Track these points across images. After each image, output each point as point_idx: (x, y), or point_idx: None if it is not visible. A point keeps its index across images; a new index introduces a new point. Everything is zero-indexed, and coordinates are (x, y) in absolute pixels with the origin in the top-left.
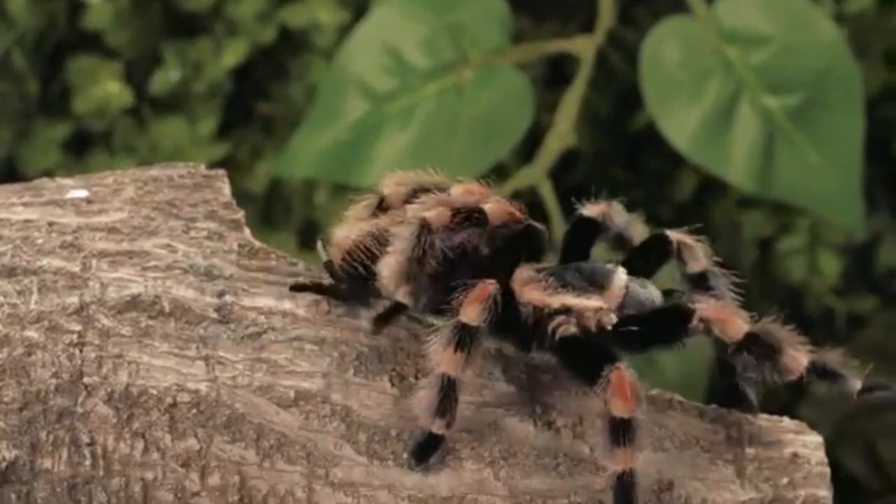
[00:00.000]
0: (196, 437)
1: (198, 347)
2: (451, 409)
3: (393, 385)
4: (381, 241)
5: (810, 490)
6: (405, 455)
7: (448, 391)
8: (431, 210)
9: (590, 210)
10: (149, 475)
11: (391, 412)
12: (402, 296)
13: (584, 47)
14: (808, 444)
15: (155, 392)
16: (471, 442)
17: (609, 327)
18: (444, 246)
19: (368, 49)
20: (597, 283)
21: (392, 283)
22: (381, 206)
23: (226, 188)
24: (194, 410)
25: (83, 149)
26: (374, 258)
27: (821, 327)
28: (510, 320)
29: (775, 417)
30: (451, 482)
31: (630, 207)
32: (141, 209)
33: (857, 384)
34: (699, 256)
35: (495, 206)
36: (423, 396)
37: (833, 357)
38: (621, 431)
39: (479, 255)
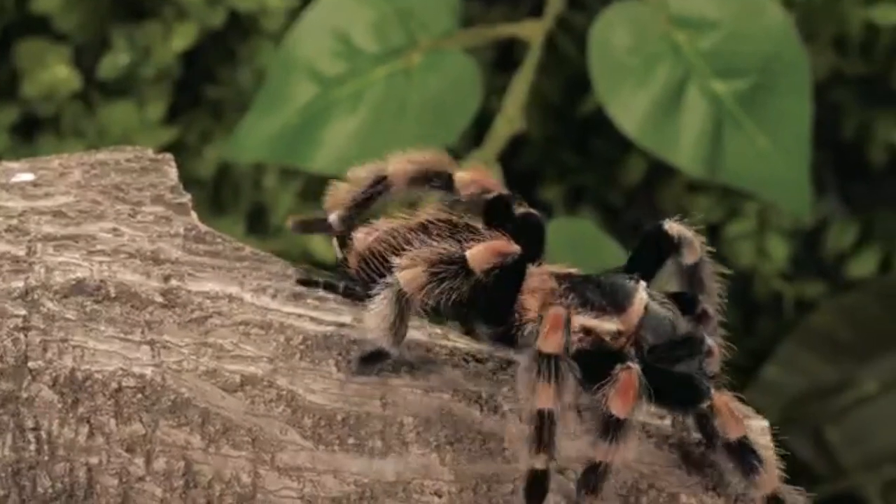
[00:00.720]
0: (141, 422)
1: (143, 332)
2: (552, 444)
3: (339, 370)
4: (398, 249)
5: None
6: (350, 440)
7: (549, 427)
8: (405, 273)
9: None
10: (93, 460)
11: (337, 397)
12: (388, 346)
13: (533, 32)
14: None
15: (100, 377)
16: (417, 426)
17: (624, 352)
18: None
19: (317, 33)
20: (617, 302)
21: (374, 335)
22: (382, 182)
23: (173, 172)
24: (139, 395)
25: (31, 133)
26: (391, 269)
27: (769, 311)
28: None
29: None
30: (396, 466)
31: (579, 192)
32: (87, 193)
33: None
34: (696, 248)
35: (479, 251)
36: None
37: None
38: (613, 429)
39: (476, 291)
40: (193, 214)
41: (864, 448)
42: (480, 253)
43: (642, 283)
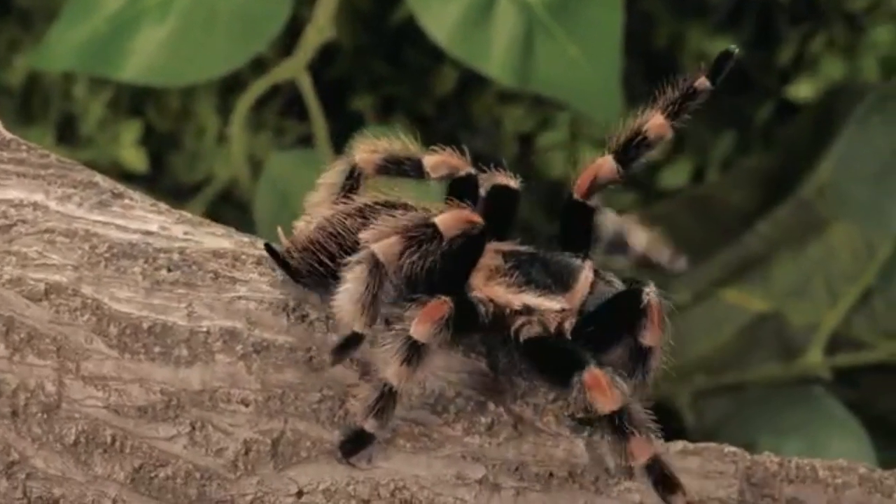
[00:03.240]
0: None
1: None
2: (386, 414)
3: (144, 278)
4: (340, 236)
5: None
6: (156, 349)
7: (387, 399)
8: (380, 243)
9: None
10: None
11: (142, 305)
12: (359, 327)
13: None
14: None
15: None
16: (223, 335)
17: (568, 334)
18: (399, 269)
19: None
20: (562, 280)
21: (348, 319)
22: (352, 174)
23: None
24: None
25: None
26: (334, 257)
27: None
28: (468, 316)
29: None
30: (203, 375)
31: (391, 102)
32: None
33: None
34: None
35: (448, 217)
36: (361, 395)
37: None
38: (622, 424)
39: (437, 261)
40: None
41: (676, 358)
42: (450, 219)
43: (589, 262)
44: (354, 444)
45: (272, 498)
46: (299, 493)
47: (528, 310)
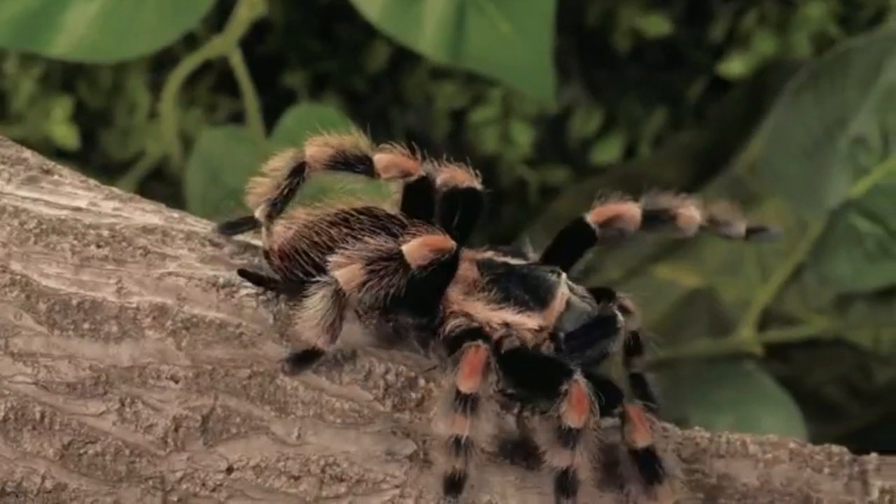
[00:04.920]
0: None
1: None
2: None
3: (73, 254)
4: (320, 245)
5: None
6: (85, 326)
7: (464, 447)
8: (343, 271)
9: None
10: None
11: (71, 282)
12: (323, 344)
13: None
14: None
15: None
16: (152, 311)
17: (546, 350)
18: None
19: None
20: (539, 296)
21: (309, 335)
22: (300, 169)
23: None
24: None
25: None
26: (314, 264)
27: (513, 198)
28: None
29: None
30: (132, 352)
31: (323, 79)
32: None
33: (742, 228)
34: None
35: (415, 246)
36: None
37: (719, 207)
38: (572, 438)
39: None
40: None
41: None
42: (417, 248)
43: (563, 277)
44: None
45: (202, 474)
46: (229, 470)
47: (506, 326)
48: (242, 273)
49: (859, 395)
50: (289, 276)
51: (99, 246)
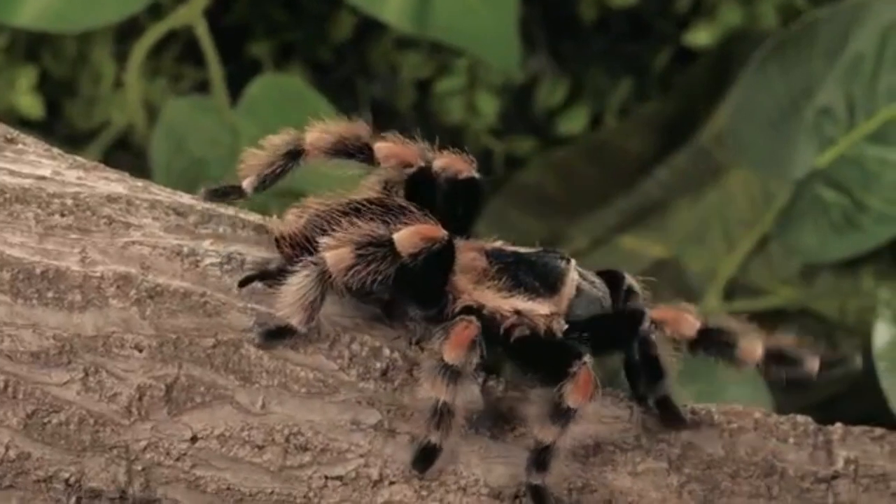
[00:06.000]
0: None
1: None
2: (447, 427)
3: (37, 223)
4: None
5: None
6: (49, 295)
7: (444, 413)
8: (333, 253)
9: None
10: None
11: (35, 251)
12: (297, 323)
13: None
14: None
15: None
16: (116, 280)
17: (559, 334)
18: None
19: None
20: (549, 283)
21: (287, 312)
22: (297, 153)
23: None
24: None
25: None
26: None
27: (479, 168)
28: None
29: None
30: (96, 321)
31: (288, 49)
32: None
33: (814, 364)
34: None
35: (406, 235)
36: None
37: (786, 340)
38: (564, 417)
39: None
40: None
41: None
42: (407, 237)
43: (573, 263)
44: (424, 458)
45: (166, 443)
46: (193, 439)
47: (518, 314)
48: (247, 280)
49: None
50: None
51: (63, 215)
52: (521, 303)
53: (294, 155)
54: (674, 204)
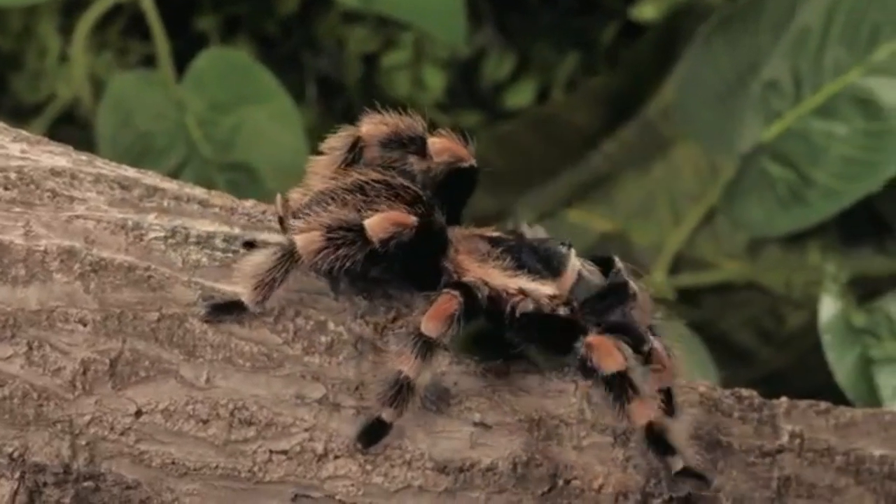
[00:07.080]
0: None
1: None
2: (403, 404)
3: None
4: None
5: None
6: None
7: (403, 388)
8: (303, 235)
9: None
10: None
11: None
12: (249, 300)
13: None
14: None
15: None
16: (60, 255)
17: (561, 313)
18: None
19: None
20: (552, 266)
21: (244, 287)
22: (355, 146)
23: None
24: None
25: None
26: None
27: None
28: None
29: None
30: (40, 295)
31: (235, 22)
32: None
33: (678, 464)
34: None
35: (377, 220)
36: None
37: (678, 428)
38: (623, 387)
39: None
40: None
41: None
42: (378, 222)
43: (573, 250)
44: (370, 434)
45: (110, 418)
46: (138, 413)
47: (522, 293)
48: (249, 245)
49: (770, 339)
50: None
51: (6, 188)
52: (526, 283)
53: (353, 148)
54: (620, 178)
